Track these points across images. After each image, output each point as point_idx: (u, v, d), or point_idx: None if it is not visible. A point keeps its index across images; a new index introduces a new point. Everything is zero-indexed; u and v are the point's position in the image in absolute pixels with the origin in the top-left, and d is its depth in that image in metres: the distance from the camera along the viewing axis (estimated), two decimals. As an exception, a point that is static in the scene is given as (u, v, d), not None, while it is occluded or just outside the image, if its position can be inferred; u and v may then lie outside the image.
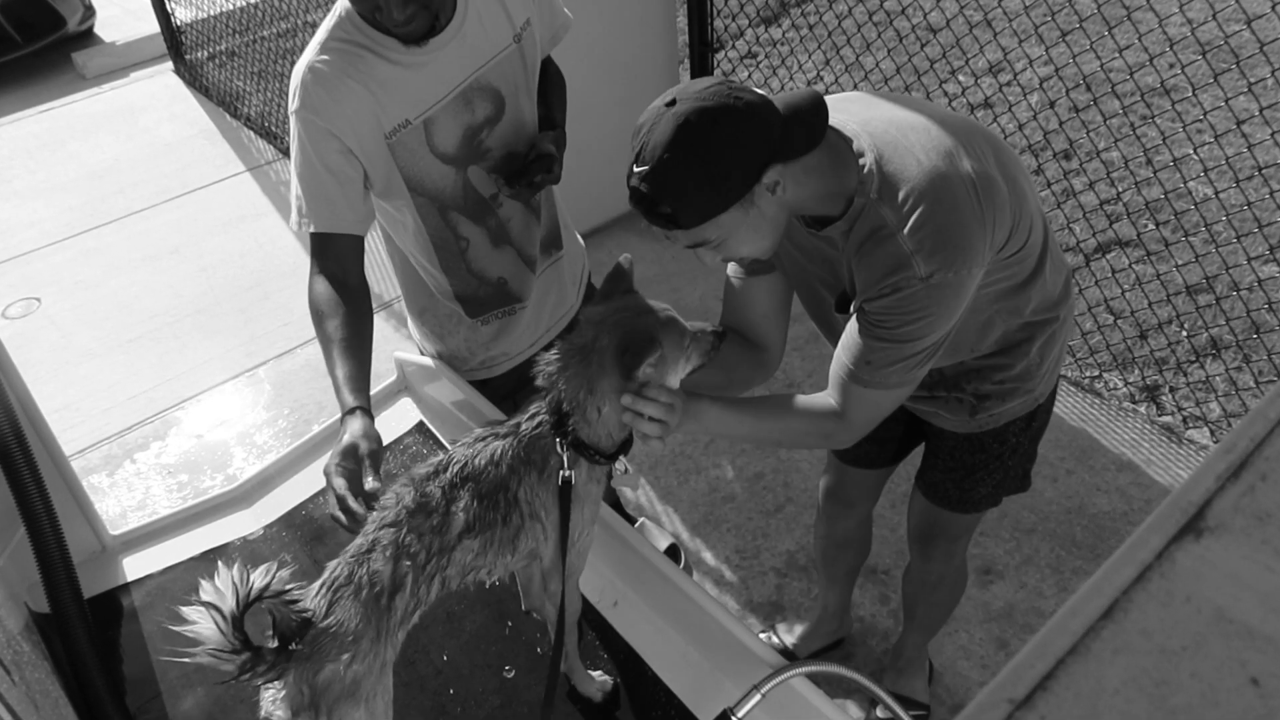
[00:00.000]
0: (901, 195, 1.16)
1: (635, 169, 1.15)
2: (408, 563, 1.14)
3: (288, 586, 1.06)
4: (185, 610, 1.01)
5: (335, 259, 1.53)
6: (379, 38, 1.45)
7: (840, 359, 1.29)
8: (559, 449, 1.22)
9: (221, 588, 1.00)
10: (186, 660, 1.01)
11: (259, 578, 1.02)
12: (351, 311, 1.50)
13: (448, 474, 1.20)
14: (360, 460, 1.28)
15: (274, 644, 1.06)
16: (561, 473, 1.22)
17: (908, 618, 2.05)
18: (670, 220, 1.16)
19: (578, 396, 1.21)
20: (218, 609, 1.00)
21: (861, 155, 1.21)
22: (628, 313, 1.24)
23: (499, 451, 1.22)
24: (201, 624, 1.01)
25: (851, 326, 1.26)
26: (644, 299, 1.28)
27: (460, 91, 1.52)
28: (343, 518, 1.22)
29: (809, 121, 1.17)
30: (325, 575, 1.14)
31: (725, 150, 1.12)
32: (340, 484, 1.24)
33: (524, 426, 1.24)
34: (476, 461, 1.21)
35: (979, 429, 1.56)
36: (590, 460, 1.25)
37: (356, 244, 1.54)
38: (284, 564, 1.05)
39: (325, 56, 1.45)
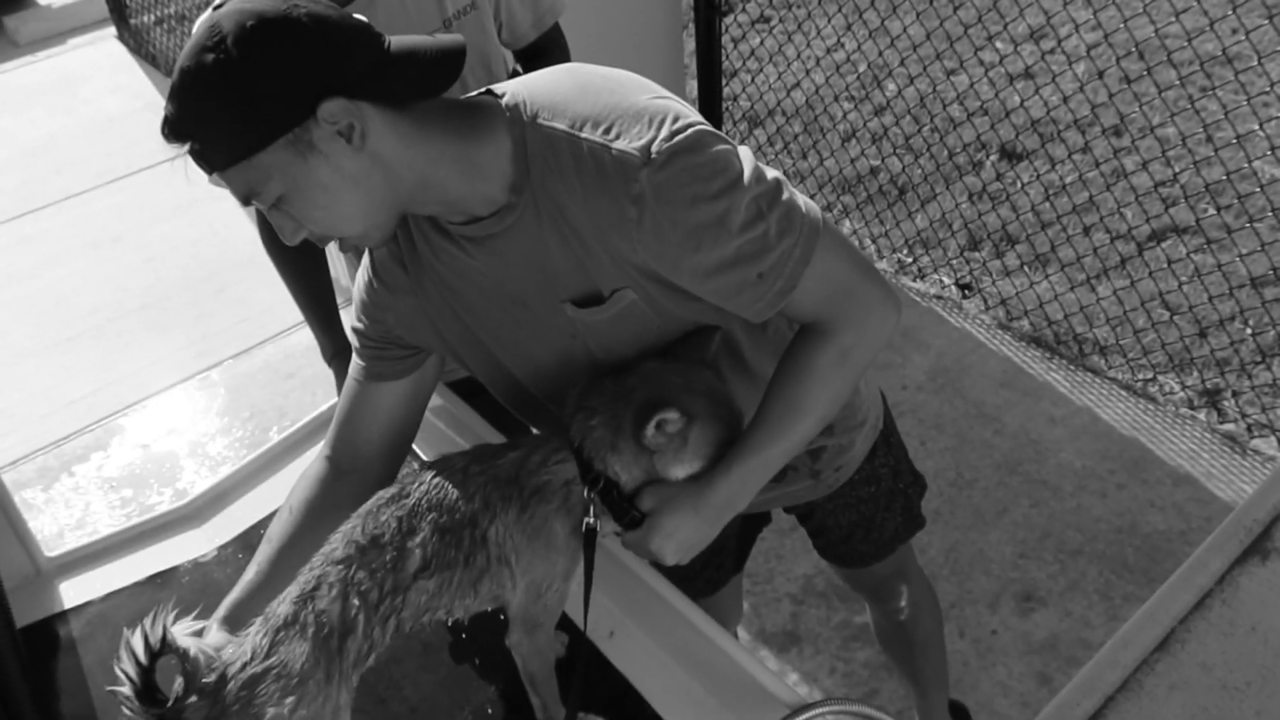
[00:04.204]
0: (556, 106, 1.08)
1: (166, 100, 1.04)
2: (357, 602, 1.13)
3: (168, 633, 1.06)
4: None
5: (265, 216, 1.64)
6: None
7: (753, 289, 1.09)
8: (585, 494, 1.20)
9: (120, 675, 1.04)
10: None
11: (138, 641, 1.04)
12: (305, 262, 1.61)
13: (410, 500, 1.19)
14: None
15: (193, 697, 1.07)
16: (586, 520, 1.19)
17: (913, 683, 1.99)
18: (201, 157, 1.04)
19: (603, 436, 1.18)
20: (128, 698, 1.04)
21: (504, 94, 1.10)
22: (678, 376, 1.20)
23: (476, 482, 1.20)
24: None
25: (696, 265, 1.08)
26: (715, 378, 1.23)
27: None
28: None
29: (427, 65, 1.06)
30: (265, 614, 1.15)
31: (258, 65, 0.99)
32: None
33: (530, 460, 1.21)
34: (446, 490, 1.19)
35: (836, 485, 1.52)
36: (617, 507, 1.21)
37: None
38: (164, 611, 1.06)
39: None
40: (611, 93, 1.09)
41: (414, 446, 1.89)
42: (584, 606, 1.22)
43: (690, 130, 1.05)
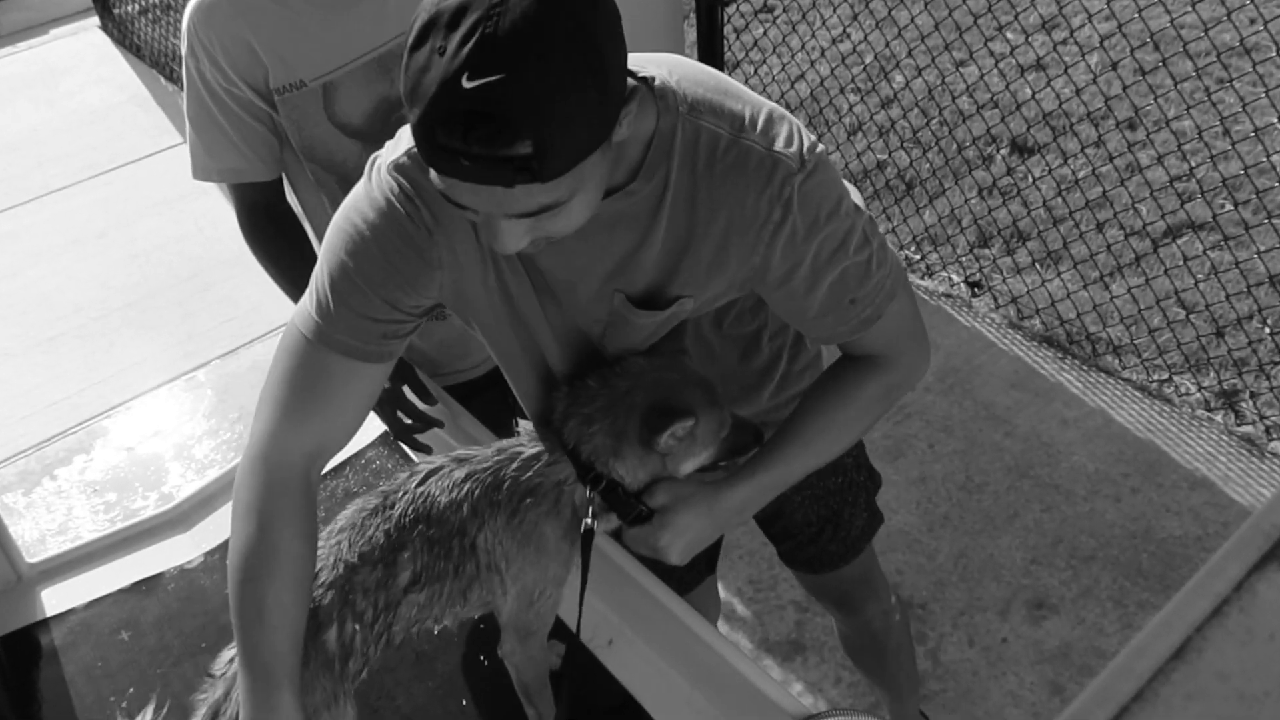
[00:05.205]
0: (712, 103, 1.06)
1: (467, 82, 0.78)
2: (355, 626, 1.15)
3: None
4: None
5: (245, 204, 1.71)
6: None
7: (841, 313, 1.12)
8: (587, 496, 1.21)
9: None
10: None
11: None
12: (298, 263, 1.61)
13: (395, 511, 1.20)
14: None
15: None
16: (585, 520, 1.20)
17: (886, 689, 2.00)
18: (526, 167, 0.81)
19: (605, 442, 1.20)
20: None
21: (653, 78, 1.03)
22: (672, 373, 1.22)
23: (463, 489, 1.20)
24: None
25: (806, 280, 1.09)
26: (695, 366, 1.26)
27: (376, 58, 1.55)
28: None
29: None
30: None
31: (607, 30, 0.83)
32: None
33: (519, 463, 1.22)
34: (433, 499, 1.20)
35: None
36: (622, 504, 1.22)
37: (265, 188, 1.68)
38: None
39: None
40: (750, 93, 1.10)
41: (405, 448, 1.89)
42: (578, 608, 1.22)
43: (818, 146, 1.08)
